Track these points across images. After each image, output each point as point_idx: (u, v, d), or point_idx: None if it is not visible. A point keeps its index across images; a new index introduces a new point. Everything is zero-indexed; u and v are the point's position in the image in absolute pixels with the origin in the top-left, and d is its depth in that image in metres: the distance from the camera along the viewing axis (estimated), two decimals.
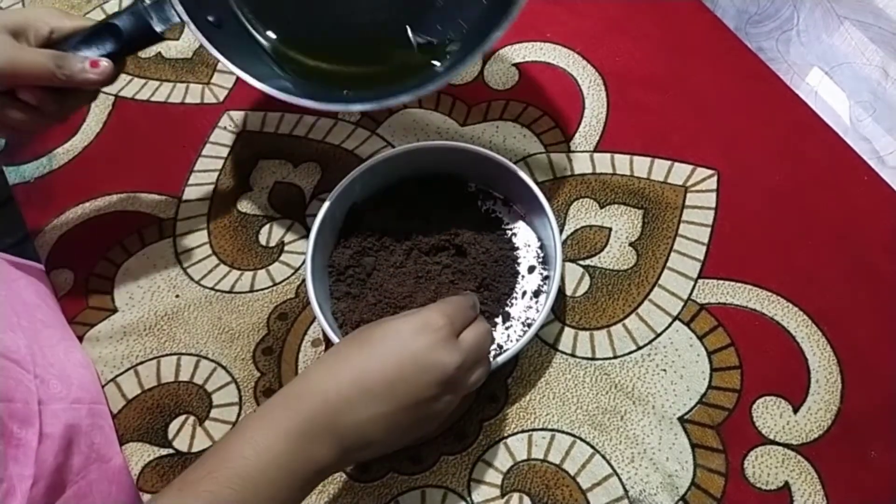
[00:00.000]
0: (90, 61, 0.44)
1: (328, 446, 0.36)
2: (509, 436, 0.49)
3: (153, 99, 0.64)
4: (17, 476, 0.42)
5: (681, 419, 0.48)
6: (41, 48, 0.45)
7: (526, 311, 0.51)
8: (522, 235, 0.54)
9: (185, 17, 0.45)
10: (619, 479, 0.47)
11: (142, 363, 0.53)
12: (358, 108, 0.50)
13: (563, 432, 0.49)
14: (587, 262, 0.54)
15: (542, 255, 0.53)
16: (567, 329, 0.52)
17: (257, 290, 0.55)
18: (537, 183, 0.51)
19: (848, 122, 1.42)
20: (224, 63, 0.47)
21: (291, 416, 0.36)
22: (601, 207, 0.56)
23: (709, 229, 0.54)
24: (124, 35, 0.46)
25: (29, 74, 0.43)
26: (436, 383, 0.37)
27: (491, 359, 0.44)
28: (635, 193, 0.56)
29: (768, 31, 1.53)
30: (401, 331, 0.38)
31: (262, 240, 0.57)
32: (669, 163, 0.57)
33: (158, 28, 0.46)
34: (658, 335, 0.51)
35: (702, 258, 0.53)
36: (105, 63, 0.45)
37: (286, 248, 0.57)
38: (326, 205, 0.50)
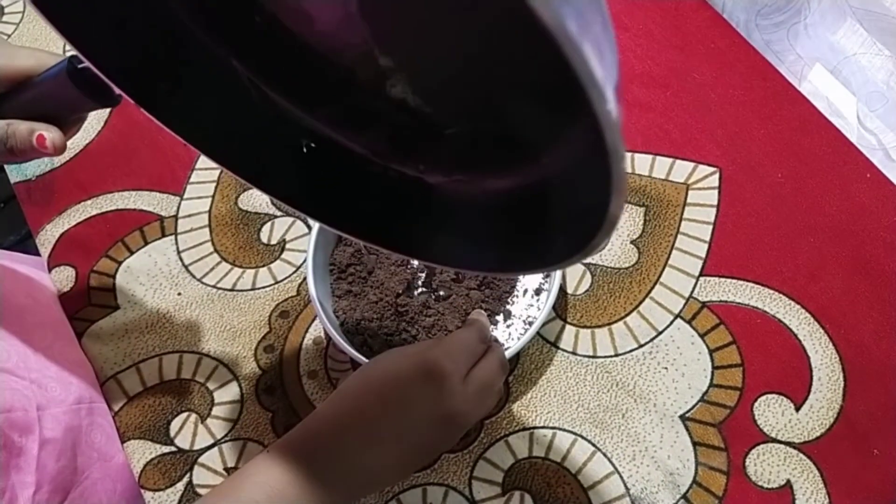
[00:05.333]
0: (37, 136, 0.38)
1: (338, 493, 0.36)
2: (510, 434, 0.49)
3: None
4: (20, 484, 0.42)
5: (682, 417, 0.48)
6: None
7: (527, 309, 0.51)
8: None
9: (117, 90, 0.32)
10: (621, 478, 0.47)
11: (143, 360, 0.53)
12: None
13: (564, 430, 0.48)
14: (588, 259, 0.54)
15: None
16: (568, 327, 0.52)
17: (259, 288, 0.55)
18: None
19: (856, 116, 1.41)
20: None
21: (302, 462, 0.36)
22: None
23: (710, 227, 0.54)
24: (70, 101, 0.38)
25: None
26: (445, 430, 0.38)
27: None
28: (637, 191, 0.56)
29: (778, 23, 1.52)
30: (406, 378, 0.37)
31: (264, 238, 0.57)
32: (671, 160, 0.57)
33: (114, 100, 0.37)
34: (660, 333, 0.51)
35: (703, 256, 0.53)
36: (51, 138, 0.39)
37: (288, 245, 0.57)
38: None
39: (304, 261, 0.51)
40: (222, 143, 0.35)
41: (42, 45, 0.68)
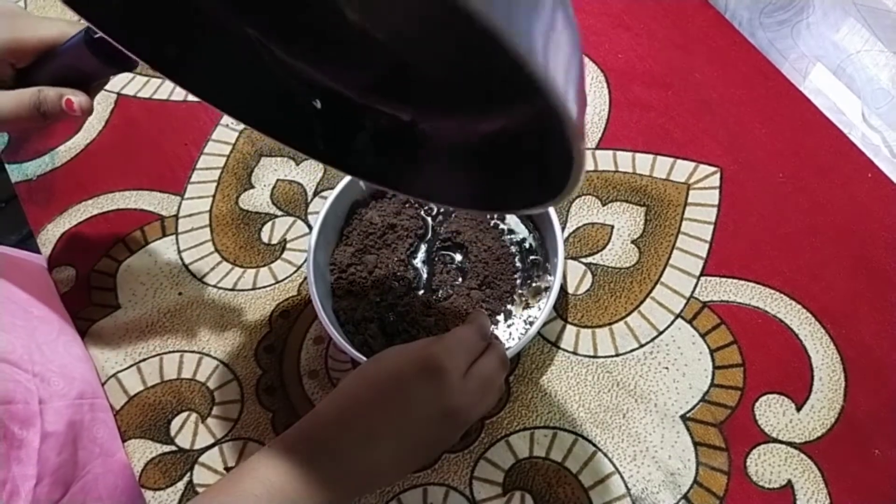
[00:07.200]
0: (66, 101, 0.42)
1: (338, 490, 0.36)
2: (511, 434, 0.49)
3: (155, 97, 0.64)
4: (21, 476, 0.42)
5: (683, 417, 0.48)
6: (12, 86, 0.42)
7: (528, 308, 0.51)
8: (524, 233, 0.53)
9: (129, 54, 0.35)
10: (622, 478, 0.47)
11: (144, 360, 0.53)
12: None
13: (565, 430, 0.48)
14: (589, 259, 0.54)
15: (544, 252, 0.52)
16: (569, 327, 0.52)
17: (259, 288, 0.55)
18: None
19: (860, 114, 1.41)
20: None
21: (301, 459, 0.36)
22: (603, 205, 0.56)
23: (711, 227, 0.54)
24: (90, 68, 0.41)
25: (8, 120, 0.41)
26: (445, 427, 0.38)
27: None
28: (638, 191, 0.56)
29: (781, 21, 1.52)
30: (405, 375, 0.37)
31: (265, 237, 0.57)
32: (672, 160, 0.57)
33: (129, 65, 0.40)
34: (660, 333, 0.51)
35: (704, 256, 0.53)
36: (78, 102, 0.42)
37: (288, 245, 0.57)
38: (328, 202, 0.50)
39: (305, 260, 0.51)
40: (235, 99, 0.37)
41: None
